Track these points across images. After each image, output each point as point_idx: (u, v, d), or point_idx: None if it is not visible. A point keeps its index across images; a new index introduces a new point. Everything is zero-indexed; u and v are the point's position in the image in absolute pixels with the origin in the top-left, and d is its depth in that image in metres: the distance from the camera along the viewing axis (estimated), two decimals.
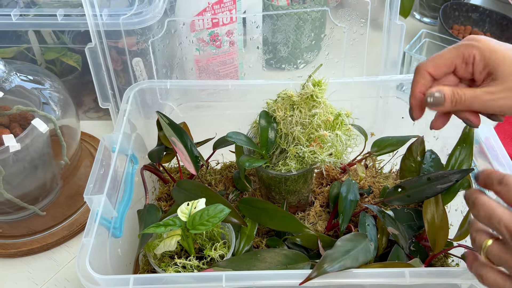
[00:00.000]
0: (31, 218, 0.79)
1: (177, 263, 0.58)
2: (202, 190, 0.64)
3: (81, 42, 0.91)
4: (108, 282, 0.49)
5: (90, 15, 0.77)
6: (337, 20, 0.91)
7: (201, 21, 0.88)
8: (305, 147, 0.62)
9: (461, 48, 0.48)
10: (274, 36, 1.01)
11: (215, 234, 0.62)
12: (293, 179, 0.68)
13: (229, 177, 0.79)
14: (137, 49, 0.84)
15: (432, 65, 0.49)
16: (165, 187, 0.79)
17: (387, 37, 0.88)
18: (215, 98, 0.81)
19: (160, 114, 0.70)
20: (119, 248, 0.62)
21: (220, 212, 0.56)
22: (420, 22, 1.30)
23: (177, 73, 0.95)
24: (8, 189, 0.70)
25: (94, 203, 0.56)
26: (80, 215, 0.80)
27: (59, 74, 0.96)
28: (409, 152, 0.72)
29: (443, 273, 0.50)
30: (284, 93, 0.65)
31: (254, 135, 0.69)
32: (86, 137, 0.94)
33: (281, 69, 1.07)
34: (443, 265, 0.69)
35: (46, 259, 0.76)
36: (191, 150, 0.69)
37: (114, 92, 0.87)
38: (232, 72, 0.99)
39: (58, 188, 0.82)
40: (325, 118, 0.63)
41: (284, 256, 0.56)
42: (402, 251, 0.61)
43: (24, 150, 0.69)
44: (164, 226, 0.56)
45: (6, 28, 0.82)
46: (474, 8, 1.20)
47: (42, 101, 0.74)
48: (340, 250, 0.53)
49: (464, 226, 0.62)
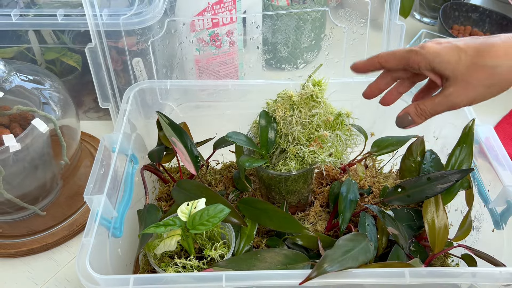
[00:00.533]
0: (31, 218, 0.79)
1: (177, 263, 0.58)
2: (202, 190, 0.64)
3: (81, 42, 0.91)
4: (108, 282, 0.49)
5: (90, 15, 0.77)
6: (337, 20, 0.91)
7: (201, 21, 0.88)
8: (305, 147, 0.62)
9: (410, 53, 0.52)
10: (274, 36, 1.01)
11: (215, 234, 0.62)
12: (293, 179, 0.68)
13: (229, 177, 0.79)
14: (137, 49, 0.84)
15: (384, 57, 0.54)
16: (165, 187, 0.79)
17: (387, 37, 0.88)
18: (215, 98, 0.81)
19: (160, 114, 0.70)
20: (119, 248, 0.62)
21: (220, 212, 0.56)
22: (420, 22, 1.30)
23: (177, 73, 0.95)
24: (8, 189, 0.70)
25: (94, 203, 0.56)
26: (80, 215, 0.80)
27: (59, 74, 0.96)
28: (409, 152, 0.72)
29: (443, 273, 0.50)
30: (284, 93, 0.65)
31: (254, 135, 0.69)
32: (86, 137, 0.94)
33: (281, 69, 1.07)
34: (443, 265, 0.69)
35: (46, 259, 0.76)
36: (191, 150, 0.69)
37: (114, 92, 0.87)
38: (232, 72, 0.99)
39: (58, 188, 0.82)
40: (325, 118, 0.63)
41: (284, 256, 0.56)
42: (402, 251, 0.61)
43: (24, 150, 0.69)
44: (164, 226, 0.56)
45: (6, 28, 0.82)
46: (474, 8, 1.20)
47: (42, 101, 0.74)
48: (340, 250, 0.53)
49: (464, 226, 0.62)
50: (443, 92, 0.50)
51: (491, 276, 0.49)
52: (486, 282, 0.50)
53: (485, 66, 0.47)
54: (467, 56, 0.48)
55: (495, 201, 0.61)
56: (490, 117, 1.01)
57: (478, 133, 0.66)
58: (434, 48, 0.50)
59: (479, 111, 0.69)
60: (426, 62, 0.50)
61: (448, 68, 0.49)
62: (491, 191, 0.63)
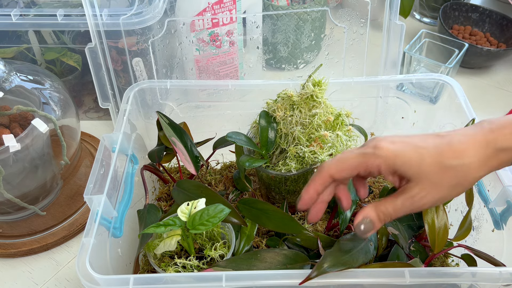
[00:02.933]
0: (31, 218, 0.79)
1: (177, 263, 0.58)
2: (202, 190, 0.64)
3: (81, 42, 0.91)
4: (108, 282, 0.49)
5: (90, 15, 0.77)
6: (337, 20, 0.91)
7: (201, 21, 0.88)
8: (305, 147, 0.62)
9: (365, 157, 0.47)
10: (274, 36, 1.01)
11: (215, 234, 0.62)
12: (293, 179, 0.68)
13: (229, 177, 0.79)
14: (137, 49, 0.84)
15: (335, 168, 0.48)
16: (165, 187, 0.79)
17: (387, 37, 0.88)
18: (215, 98, 0.81)
19: (160, 114, 0.70)
20: (119, 248, 0.62)
21: (220, 212, 0.56)
22: (420, 22, 1.30)
23: (177, 73, 0.95)
24: (8, 189, 0.70)
25: (94, 203, 0.56)
26: (80, 215, 0.80)
27: (59, 74, 0.96)
28: None
29: (443, 273, 0.50)
30: (284, 93, 0.65)
31: (254, 135, 0.69)
32: (86, 137, 0.94)
33: (281, 69, 1.07)
34: (443, 265, 0.69)
35: (46, 259, 0.76)
36: (191, 150, 0.69)
37: (114, 92, 0.87)
38: (232, 72, 0.99)
39: (58, 188, 0.82)
40: (325, 118, 0.63)
41: (284, 256, 0.56)
42: (402, 251, 0.61)
43: (24, 150, 0.69)
44: (164, 226, 0.56)
45: (6, 28, 0.82)
46: (474, 8, 1.20)
47: (42, 101, 0.74)
48: (340, 250, 0.53)
49: (464, 226, 0.62)
50: (406, 192, 0.46)
51: (491, 276, 0.49)
52: (486, 282, 0.50)
53: (450, 166, 0.44)
54: (429, 155, 0.45)
55: (495, 201, 0.61)
56: (490, 117, 1.01)
57: None
58: (392, 149, 0.46)
59: (479, 111, 0.70)
60: (388, 165, 0.46)
61: (411, 169, 0.45)
62: (491, 191, 0.63)
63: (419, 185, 0.45)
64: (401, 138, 0.47)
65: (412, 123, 0.81)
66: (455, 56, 1.02)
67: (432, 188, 0.45)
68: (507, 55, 1.10)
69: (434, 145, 0.45)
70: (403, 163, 0.45)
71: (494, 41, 1.16)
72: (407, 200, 0.46)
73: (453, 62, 1.00)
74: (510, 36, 1.14)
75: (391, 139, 0.47)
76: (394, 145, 0.46)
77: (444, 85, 0.74)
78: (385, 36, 0.89)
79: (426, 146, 0.45)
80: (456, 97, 0.71)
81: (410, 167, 0.45)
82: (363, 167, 0.47)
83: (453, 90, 0.72)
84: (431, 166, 0.45)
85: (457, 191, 0.46)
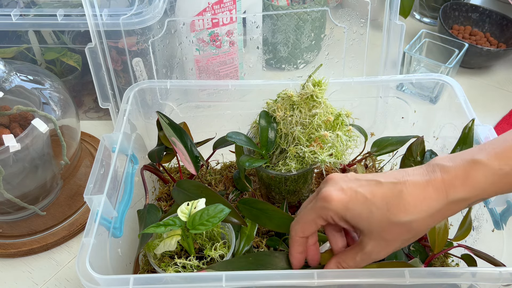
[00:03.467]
0: (31, 218, 0.79)
1: (177, 263, 0.58)
2: (202, 190, 0.64)
3: (81, 42, 0.91)
4: (108, 282, 0.49)
5: (90, 15, 0.77)
6: (337, 20, 0.91)
7: (201, 21, 0.88)
8: (305, 147, 0.62)
9: (317, 211, 0.48)
10: (274, 36, 1.01)
11: (215, 234, 0.62)
12: (293, 179, 0.68)
13: (229, 177, 0.79)
14: (137, 49, 0.84)
15: (300, 229, 0.50)
16: (165, 187, 0.79)
17: (387, 37, 0.88)
18: (215, 98, 0.81)
19: (160, 114, 0.70)
20: (119, 248, 0.62)
21: (220, 212, 0.56)
22: (420, 22, 1.30)
23: (177, 73, 0.95)
24: (8, 189, 0.70)
25: (94, 203, 0.56)
26: (80, 215, 0.80)
27: (59, 74, 0.96)
28: (409, 152, 0.72)
29: (443, 273, 0.50)
30: (284, 93, 0.65)
31: (254, 135, 0.69)
32: (86, 137, 0.94)
33: (281, 69, 1.07)
34: (443, 265, 0.69)
35: (46, 259, 0.76)
36: (191, 150, 0.69)
37: (114, 92, 0.87)
38: (232, 72, 0.99)
39: (58, 188, 0.82)
40: (325, 118, 0.63)
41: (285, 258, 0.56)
42: (402, 251, 0.61)
43: (24, 150, 0.69)
44: (164, 226, 0.56)
45: (6, 28, 0.82)
46: (474, 8, 1.20)
47: (42, 101, 0.74)
48: None
49: (464, 226, 0.62)
50: (362, 247, 0.47)
51: (491, 276, 0.49)
52: (486, 282, 0.50)
53: (399, 223, 0.44)
54: (378, 210, 0.45)
55: (495, 201, 0.61)
56: (490, 117, 1.01)
57: (478, 133, 0.66)
58: (342, 201, 0.46)
59: (479, 111, 0.70)
60: (339, 218, 0.47)
61: (361, 223, 0.46)
62: None
63: (372, 241, 0.46)
64: (351, 183, 0.47)
65: (412, 123, 0.82)
66: (455, 56, 1.02)
67: (385, 244, 0.46)
68: (507, 55, 1.10)
69: (382, 198, 0.45)
70: (353, 216, 0.46)
71: (494, 41, 1.16)
72: (365, 256, 0.48)
73: (453, 62, 1.00)
74: (510, 36, 1.14)
75: (341, 184, 0.47)
76: (344, 195, 0.46)
77: (444, 85, 0.74)
78: (385, 36, 0.89)
79: (374, 201, 0.45)
80: (456, 97, 0.71)
81: (360, 220, 0.46)
82: (321, 220, 0.48)
83: (453, 90, 0.72)
84: (381, 222, 0.45)
85: (410, 241, 0.47)
